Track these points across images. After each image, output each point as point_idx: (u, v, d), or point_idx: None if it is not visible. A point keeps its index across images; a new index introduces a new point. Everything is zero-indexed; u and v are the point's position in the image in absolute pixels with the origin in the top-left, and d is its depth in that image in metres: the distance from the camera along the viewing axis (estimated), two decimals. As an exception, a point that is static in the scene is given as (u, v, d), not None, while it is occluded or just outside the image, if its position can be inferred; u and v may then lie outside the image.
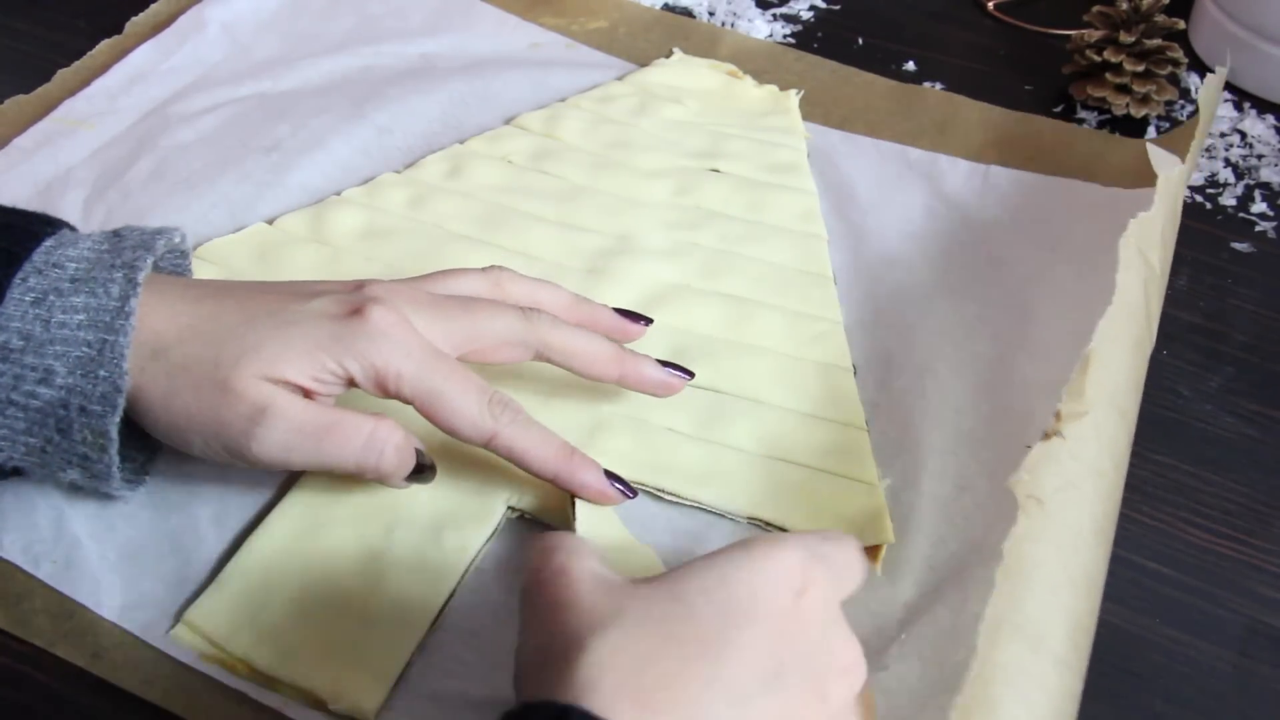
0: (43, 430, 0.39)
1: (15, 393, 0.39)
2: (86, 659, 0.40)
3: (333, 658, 0.40)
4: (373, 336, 0.40)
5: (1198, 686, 0.42)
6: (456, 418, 0.41)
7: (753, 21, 0.71)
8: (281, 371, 0.39)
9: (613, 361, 0.45)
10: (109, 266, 0.40)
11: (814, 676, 0.32)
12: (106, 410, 0.39)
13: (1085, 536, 0.39)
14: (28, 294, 0.39)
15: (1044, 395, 0.48)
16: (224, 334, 0.40)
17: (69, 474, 0.41)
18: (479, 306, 0.43)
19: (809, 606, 0.33)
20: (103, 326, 0.39)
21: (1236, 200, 0.60)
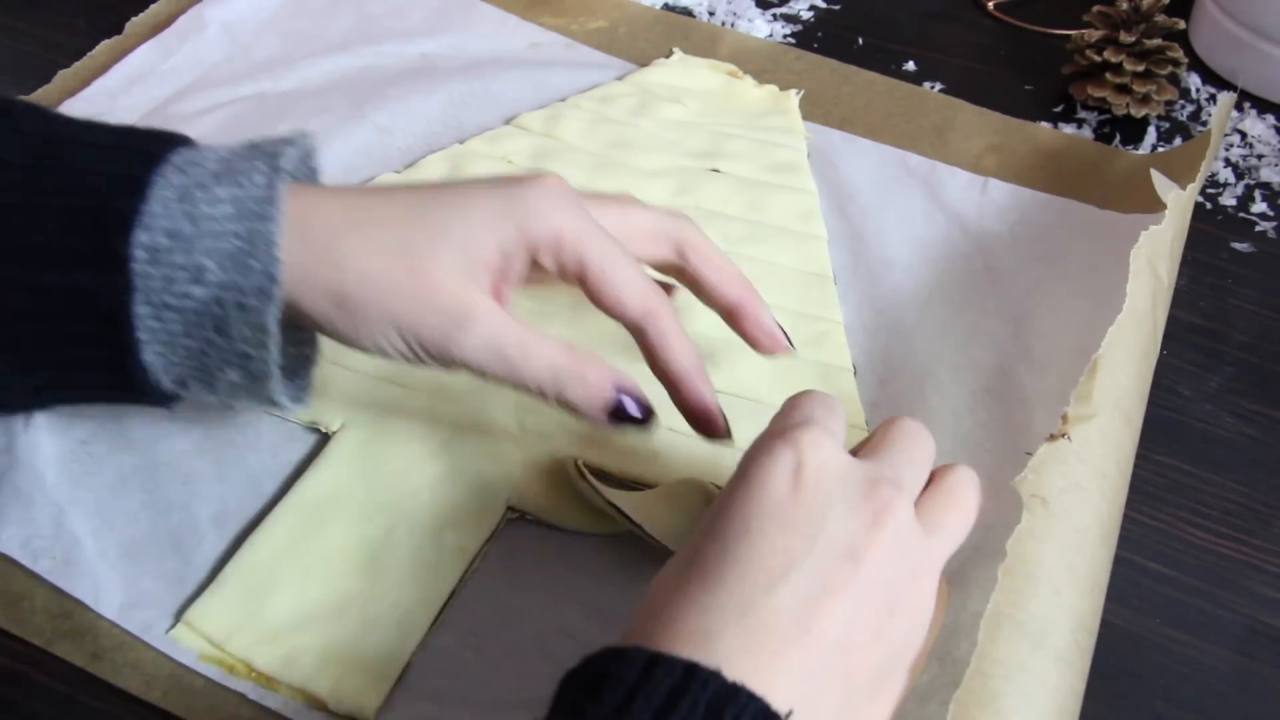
0: (200, 331, 0.38)
1: (168, 295, 0.37)
2: (86, 659, 0.40)
3: (333, 658, 0.40)
4: (548, 197, 0.39)
5: (1198, 686, 0.42)
6: (624, 285, 0.40)
7: (753, 21, 0.71)
8: (476, 251, 0.38)
9: (740, 282, 0.44)
10: (249, 159, 0.38)
11: (830, 548, 0.32)
12: (263, 303, 0.37)
13: (1090, 537, 0.39)
14: (170, 190, 0.37)
15: (1042, 405, 0.48)
16: (406, 216, 0.39)
17: (229, 375, 0.39)
18: (627, 200, 0.43)
19: (813, 472, 0.33)
20: (251, 215, 0.37)
21: (1236, 200, 0.60)
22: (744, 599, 0.31)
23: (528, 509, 0.45)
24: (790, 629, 0.31)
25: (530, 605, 0.42)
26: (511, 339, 0.39)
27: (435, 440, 0.46)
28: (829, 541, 0.32)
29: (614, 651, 0.30)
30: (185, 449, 0.46)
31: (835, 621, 0.31)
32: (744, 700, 0.28)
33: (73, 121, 0.40)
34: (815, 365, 0.50)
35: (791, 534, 0.32)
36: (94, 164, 0.38)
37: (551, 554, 0.44)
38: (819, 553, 0.32)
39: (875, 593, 0.32)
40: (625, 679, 0.28)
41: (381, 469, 0.45)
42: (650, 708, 0.28)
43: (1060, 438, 0.39)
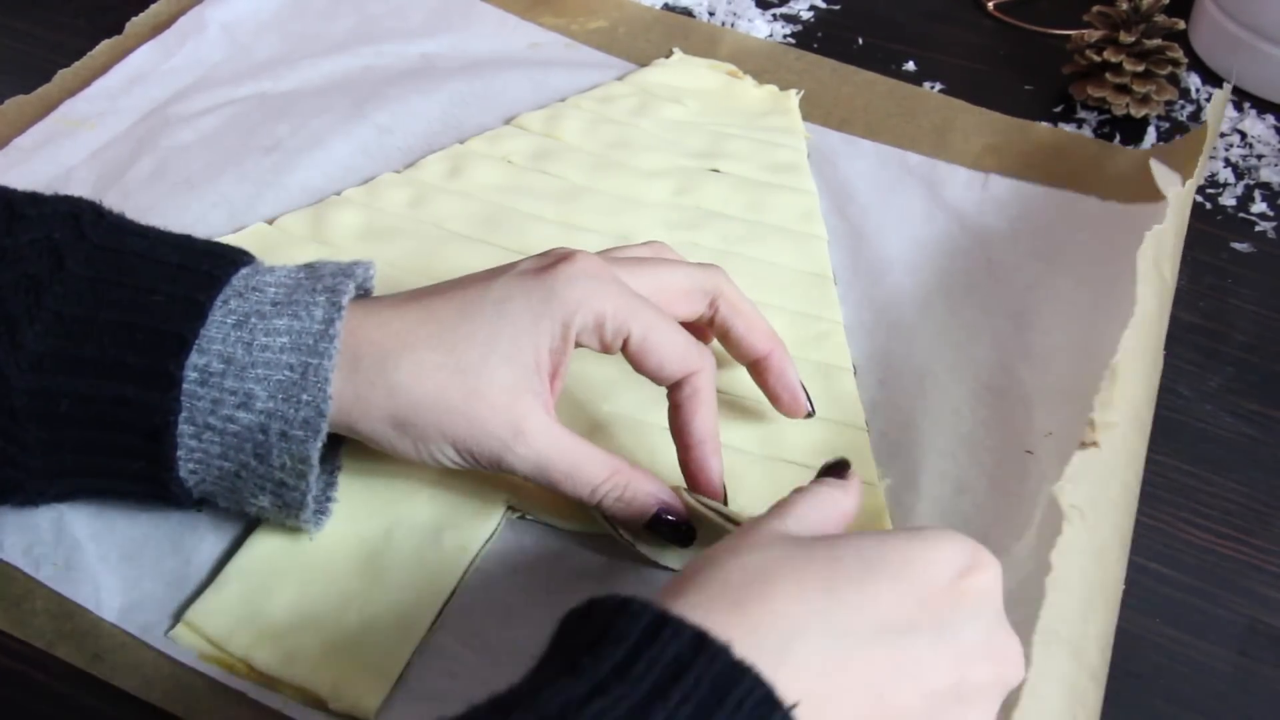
0: (239, 455, 0.39)
1: (213, 417, 0.38)
2: (86, 660, 0.40)
3: (333, 658, 0.40)
4: (580, 279, 0.40)
5: (1198, 686, 0.42)
6: (667, 349, 0.41)
7: (753, 21, 0.71)
8: (523, 359, 0.39)
9: (770, 337, 0.45)
10: (310, 290, 0.39)
11: (948, 650, 0.31)
12: (309, 435, 0.38)
13: (1113, 548, 0.38)
14: (229, 316, 0.38)
15: (1042, 403, 0.48)
16: (453, 335, 0.39)
17: (260, 500, 0.40)
18: (656, 261, 0.44)
19: (970, 588, 0.32)
20: (306, 350, 0.38)
21: (1236, 200, 0.60)
22: (852, 627, 0.30)
23: (528, 509, 0.45)
24: (868, 680, 0.30)
25: (530, 605, 0.42)
26: (557, 459, 0.40)
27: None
28: (952, 646, 0.31)
29: (620, 602, 0.28)
30: (185, 449, 0.46)
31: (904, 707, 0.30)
32: (751, 683, 0.27)
33: (137, 230, 0.41)
34: (815, 365, 0.50)
35: (927, 613, 0.31)
36: (158, 284, 0.39)
37: (551, 554, 0.44)
38: (939, 646, 0.31)
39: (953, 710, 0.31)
40: (628, 637, 0.27)
41: (381, 469, 0.45)
42: (653, 674, 0.27)
43: (1091, 446, 0.38)
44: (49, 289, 0.38)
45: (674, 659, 0.27)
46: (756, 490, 0.45)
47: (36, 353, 0.37)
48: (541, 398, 0.40)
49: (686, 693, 0.26)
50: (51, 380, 0.38)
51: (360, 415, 0.39)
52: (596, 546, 0.44)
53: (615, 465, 0.41)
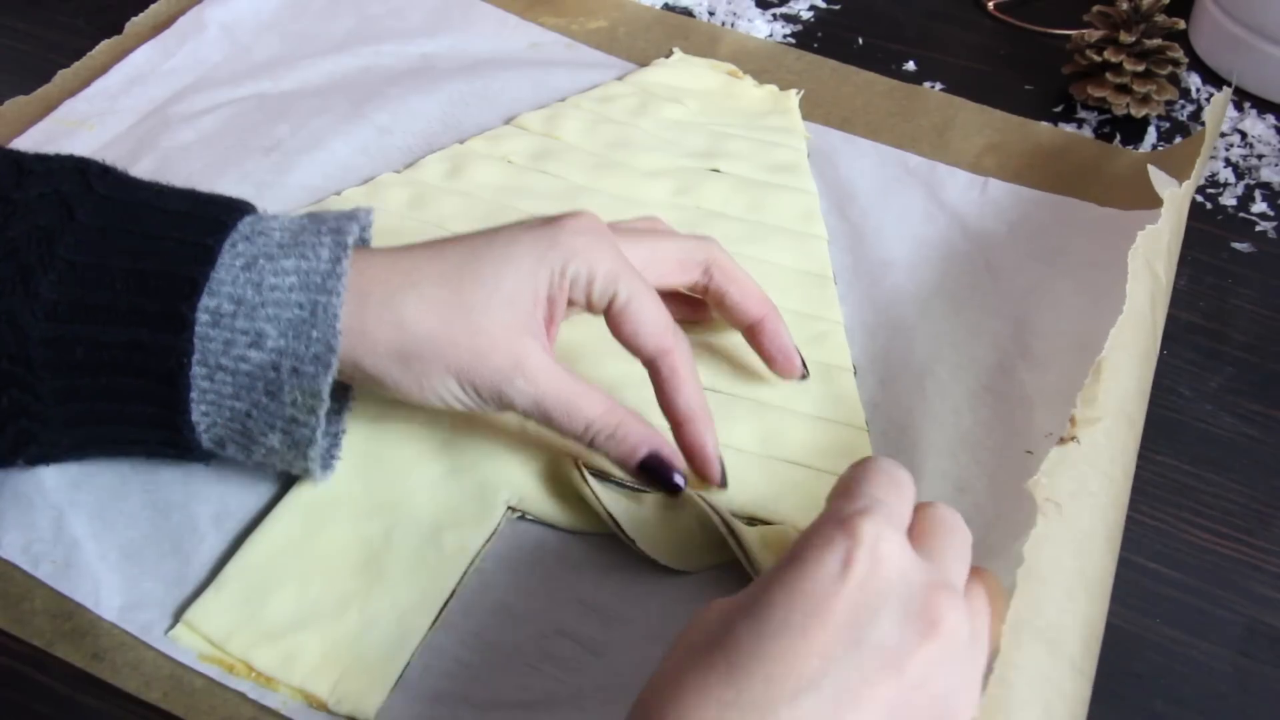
0: (250, 394, 0.39)
1: (225, 357, 0.39)
2: (86, 659, 0.40)
3: (333, 658, 0.40)
4: (581, 234, 0.42)
5: (1198, 686, 0.42)
6: (646, 320, 0.42)
7: (753, 21, 0.71)
8: (523, 300, 0.41)
9: (763, 302, 0.47)
10: (316, 232, 0.40)
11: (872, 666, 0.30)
12: (320, 370, 0.39)
13: (1097, 542, 0.38)
14: (237, 259, 0.39)
15: (1042, 403, 0.48)
16: (457, 272, 0.41)
17: (270, 439, 0.40)
18: (653, 232, 0.46)
19: (861, 573, 0.31)
20: (315, 287, 0.39)
21: (1236, 200, 0.60)
22: (767, 703, 0.29)
23: (528, 509, 0.45)
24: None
25: (530, 605, 0.42)
26: (554, 394, 0.41)
27: (435, 440, 0.46)
28: (873, 649, 0.30)
29: None
30: (185, 449, 0.46)
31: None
32: None
33: (142, 184, 0.42)
34: (815, 365, 0.50)
35: (833, 635, 0.30)
36: (166, 230, 0.39)
37: (551, 554, 0.44)
38: (860, 659, 0.30)
39: (916, 703, 0.30)
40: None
41: (381, 469, 0.45)
42: None
43: (1069, 441, 0.39)
44: (60, 239, 0.38)
45: None
46: (756, 490, 0.45)
47: (51, 301, 0.38)
48: (540, 339, 0.41)
49: None
50: (67, 328, 0.38)
51: (367, 350, 0.40)
52: (596, 546, 0.44)
53: (610, 404, 0.42)
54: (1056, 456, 0.38)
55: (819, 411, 0.48)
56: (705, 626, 0.32)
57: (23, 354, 0.38)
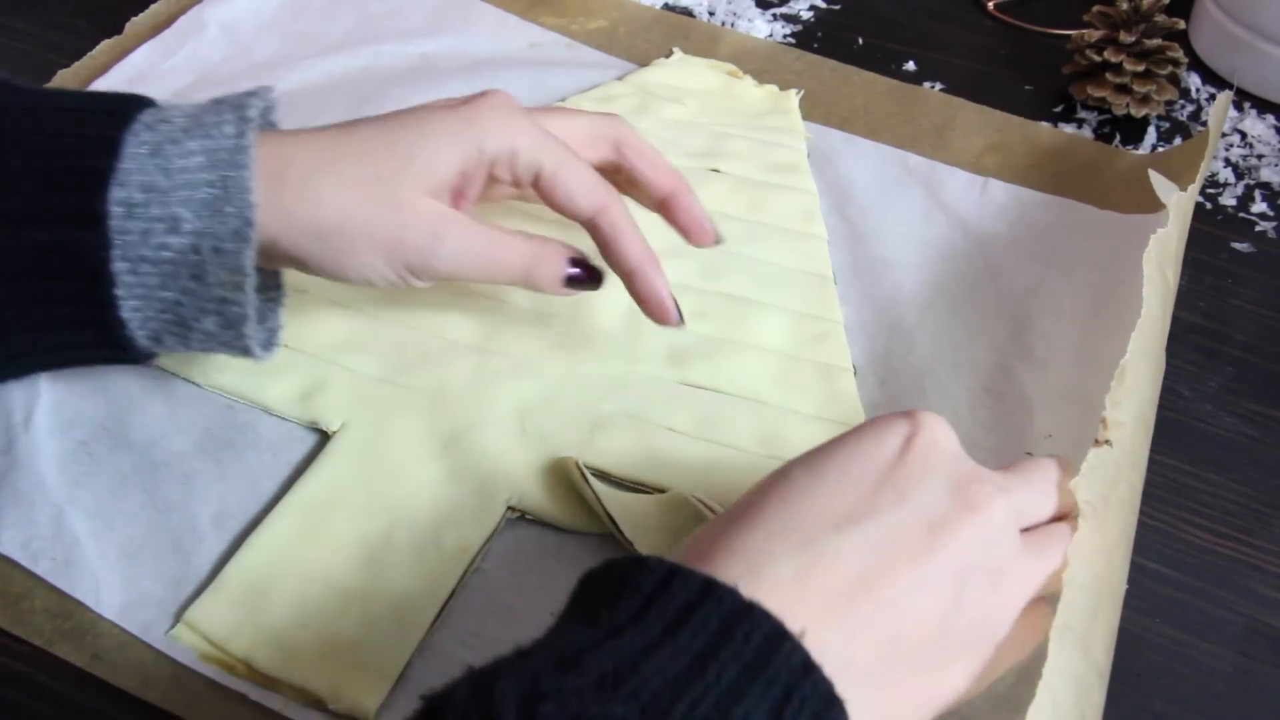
0: (176, 281, 0.39)
1: (145, 248, 0.39)
2: (86, 659, 0.40)
3: (333, 658, 0.40)
4: (498, 112, 0.43)
5: (1198, 686, 0.42)
6: (576, 185, 0.43)
7: (753, 21, 0.71)
8: (442, 172, 0.42)
9: (672, 173, 0.48)
10: (217, 113, 0.41)
11: (911, 515, 0.32)
12: (240, 245, 0.39)
13: (1118, 548, 0.38)
14: (142, 147, 0.39)
15: (1042, 404, 0.48)
16: (373, 149, 0.41)
17: (205, 323, 0.40)
18: (563, 110, 0.47)
19: (916, 452, 0.34)
20: (223, 164, 0.39)
21: (1236, 200, 0.60)
22: (811, 532, 0.31)
23: (528, 509, 0.45)
24: (846, 574, 0.31)
25: (530, 605, 0.42)
26: (485, 241, 0.43)
27: (435, 440, 0.46)
28: (917, 507, 0.33)
29: (634, 561, 0.30)
30: (185, 449, 0.46)
31: (895, 583, 0.31)
32: (758, 618, 0.28)
33: (40, 91, 0.41)
34: (815, 365, 0.50)
35: (883, 491, 0.33)
36: (67, 128, 0.39)
37: (551, 554, 0.44)
38: (904, 514, 0.32)
39: (946, 573, 0.32)
40: (643, 588, 0.29)
41: (381, 469, 0.45)
42: (664, 619, 0.28)
43: (1104, 444, 0.38)
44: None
45: (684, 603, 0.28)
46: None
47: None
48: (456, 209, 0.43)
49: (696, 630, 0.28)
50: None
51: (284, 229, 0.40)
52: (596, 546, 0.44)
53: (526, 239, 0.44)
54: (1094, 459, 0.38)
55: (819, 411, 0.48)
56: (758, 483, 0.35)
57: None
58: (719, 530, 0.33)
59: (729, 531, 0.32)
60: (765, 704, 0.27)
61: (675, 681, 0.27)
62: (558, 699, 0.26)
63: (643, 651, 0.27)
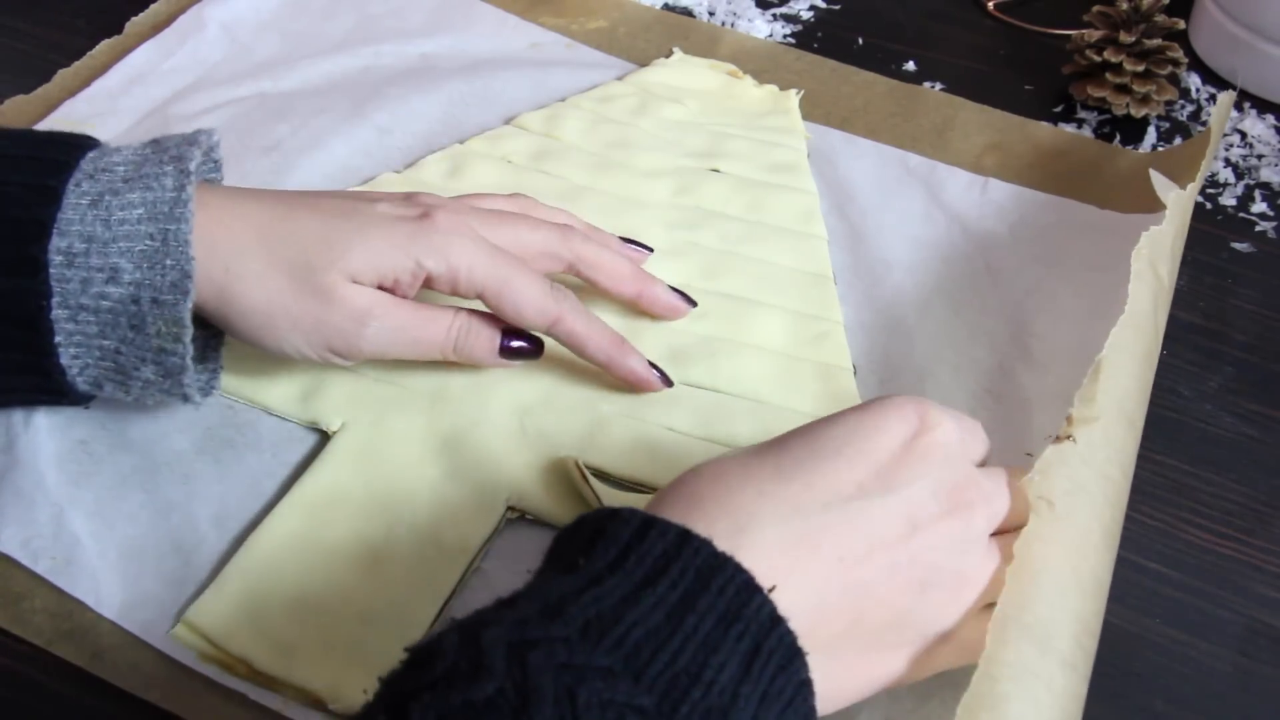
0: (115, 331, 0.40)
1: (84, 296, 0.39)
2: (86, 659, 0.40)
3: (333, 658, 0.40)
4: (444, 234, 0.43)
5: (1198, 686, 0.42)
6: (524, 303, 0.44)
7: (753, 21, 0.71)
8: (372, 275, 0.42)
9: (632, 279, 0.49)
10: (158, 163, 0.41)
11: (899, 505, 0.34)
12: (178, 297, 0.39)
13: (1093, 540, 0.39)
14: (83, 198, 0.39)
15: (1042, 406, 0.48)
16: (307, 237, 0.41)
17: (144, 372, 0.41)
18: (520, 220, 0.47)
19: (920, 448, 0.35)
20: (163, 217, 0.39)
21: (1236, 200, 0.60)
22: (800, 503, 0.33)
23: (528, 509, 0.45)
24: (826, 551, 0.32)
25: (530, 605, 0.42)
26: (410, 321, 0.43)
27: (435, 440, 0.46)
28: (901, 500, 0.34)
29: (609, 512, 0.31)
30: (185, 449, 0.46)
31: (869, 566, 0.33)
32: (731, 571, 0.30)
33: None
34: (815, 365, 0.50)
35: (874, 476, 0.34)
36: (8, 175, 0.40)
37: (551, 554, 0.44)
38: (887, 502, 0.34)
39: (918, 566, 0.34)
40: (619, 537, 0.30)
41: (381, 469, 0.45)
42: (643, 567, 0.29)
43: (1065, 440, 0.39)
44: None
45: (661, 554, 0.29)
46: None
47: None
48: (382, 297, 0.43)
49: (674, 580, 0.29)
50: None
51: (210, 295, 0.41)
52: (596, 546, 0.44)
53: (452, 315, 0.44)
54: (1051, 455, 0.39)
55: (819, 411, 0.48)
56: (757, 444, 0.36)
57: None
58: (713, 477, 0.34)
59: (722, 481, 0.33)
60: (737, 656, 0.28)
61: (656, 631, 0.28)
62: (546, 647, 0.27)
63: (623, 600, 0.28)
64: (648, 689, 0.27)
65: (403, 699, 0.26)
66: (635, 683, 0.27)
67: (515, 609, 0.28)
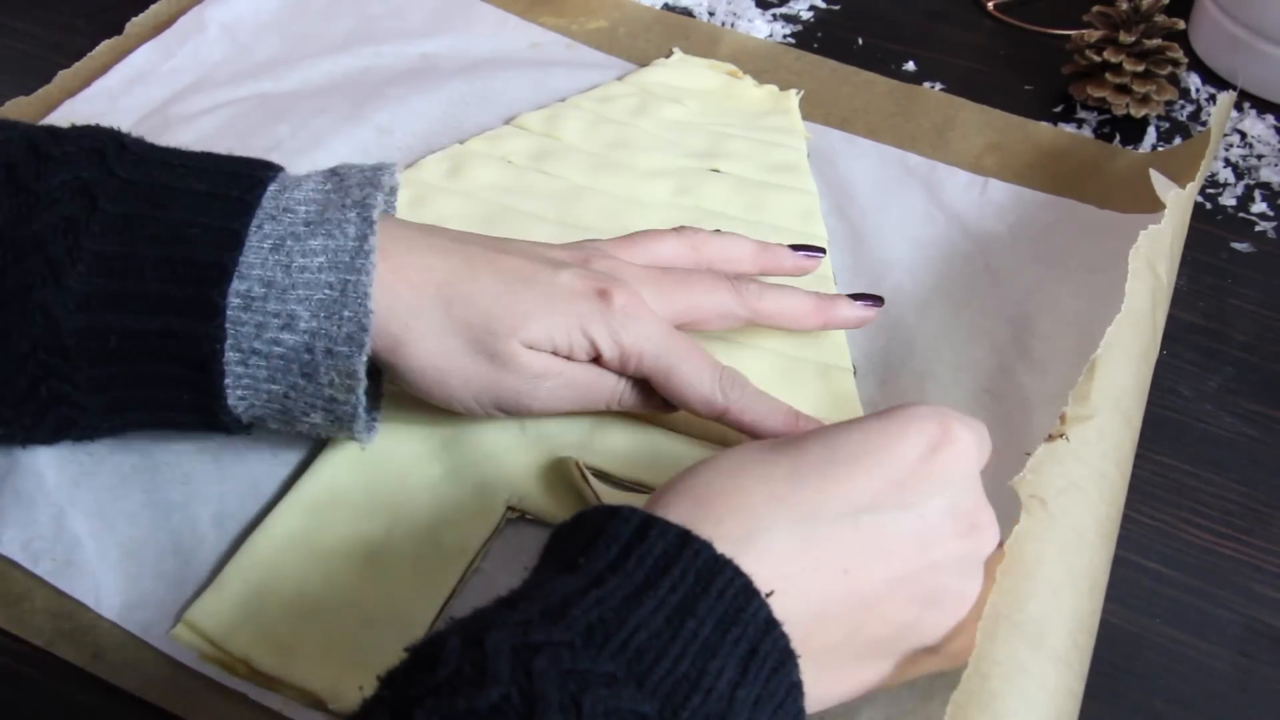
0: (286, 377, 0.40)
1: (258, 341, 0.39)
2: (86, 659, 0.40)
3: (333, 658, 0.40)
4: (621, 318, 0.42)
5: (1198, 686, 0.42)
6: (690, 394, 0.43)
7: (753, 21, 0.71)
8: (548, 345, 0.41)
9: (814, 314, 0.48)
10: (340, 206, 0.40)
11: (911, 523, 0.33)
12: (353, 350, 0.39)
13: (1088, 538, 0.39)
14: (265, 241, 0.39)
15: (1043, 405, 0.48)
16: (487, 301, 0.41)
17: (312, 418, 0.41)
18: (695, 281, 0.46)
19: (938, 463, 0.34)
20: (343, 267, 0.39)
21: (1236, 200, 0.60)
22: (813, 511, 0.32)
23: (528, 509, 0.45)
24: (832, 561, 0.32)
25: (530, 605, 0.42)
26: (581, 379, 0.43)
27: (435, 440, 0.46)
28: (915, 517, 0.34)
29: (608, 510, 0.31)
30: (185, 449, 0.46)
31: (874, 580, 0.33)
32: (731, 573, 0.30)
33: (163, 161, 0.41)
34: (815, 365, 0.50)
35: (890, 489, 0.34)
36: (192, 214, 0.39)
37: (551, 554, 0.44)
38: (902, 520, 0.33)
39: (923, 585, 0.34)
40: (620, 536, 0.30)
41: (381, 469, 0.45)
42: (644, 568, 0.29)
43: (1058, 438, 0.39)
44: (86, 229, 0.38)
45: (662, 554, 0.29)
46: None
47: (82, 293, 0.38)
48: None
49: (674, 583, 0.29)
50: (99, 318, 0.38)
51: (383, 347, 0.40)
52: (596, 546, 0.44)
53: (614, 383, 0.44)
54: (1044, 453, 0.39)
55: (819, 411, 0.48)
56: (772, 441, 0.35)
57: (57, 344, 0.38)
58: (726, 473, 0.33)
59: (734, 480, 0.33)
60: (735, 659, 0.29)
61: (657, 635, 0.28)
62: (550, 652, 0.26)
63: (625, 602, 0.28)
64: (650, 695, 0.27)
65: (407, 704, 0.26)
66: (638, 689, 0.27)
67: (517, 610, 0.28)
